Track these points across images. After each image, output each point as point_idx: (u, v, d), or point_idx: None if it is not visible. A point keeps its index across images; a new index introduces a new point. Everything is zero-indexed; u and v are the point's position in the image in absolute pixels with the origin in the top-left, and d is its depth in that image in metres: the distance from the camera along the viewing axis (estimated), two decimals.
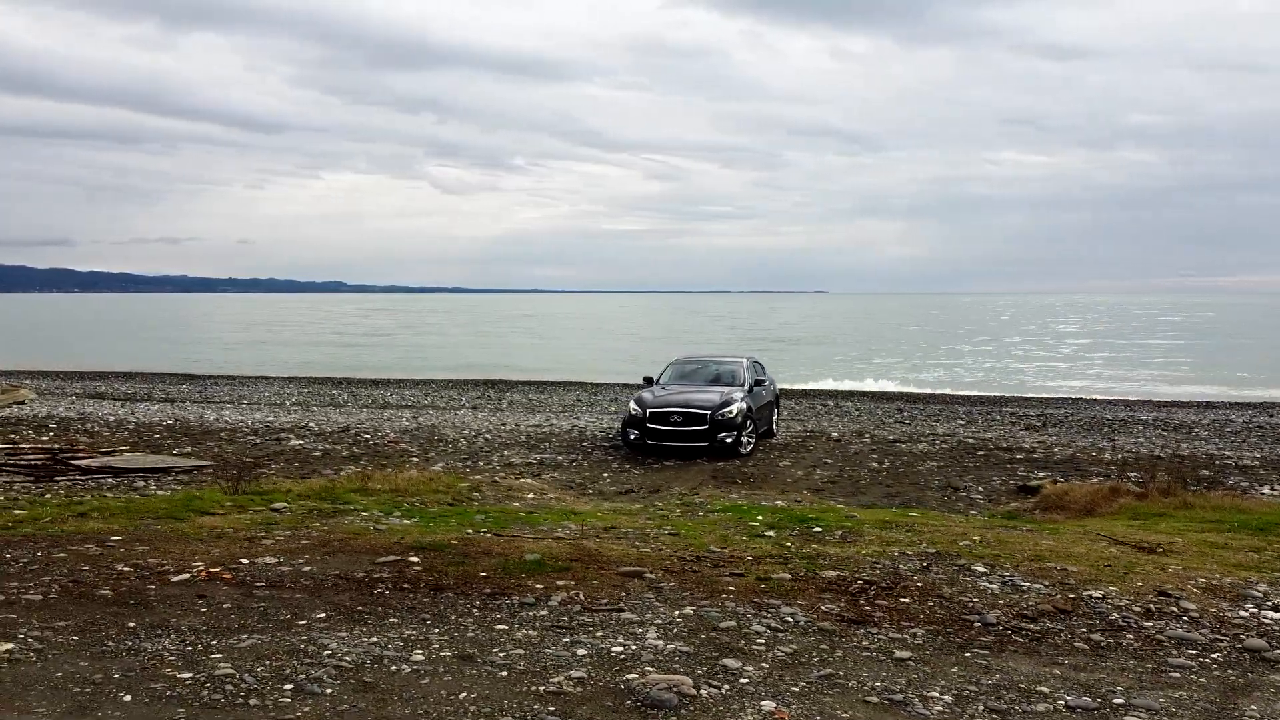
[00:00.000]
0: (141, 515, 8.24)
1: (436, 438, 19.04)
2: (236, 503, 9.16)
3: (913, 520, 8.60)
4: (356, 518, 8.48)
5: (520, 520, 8.81)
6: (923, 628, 5.11)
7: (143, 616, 5.03)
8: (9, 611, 5.08)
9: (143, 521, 7.96)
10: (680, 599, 5.50)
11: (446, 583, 5.75)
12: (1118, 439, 20.58)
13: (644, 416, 16.83)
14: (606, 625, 4.99)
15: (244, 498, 9.57)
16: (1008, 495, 13.93)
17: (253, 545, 6.76)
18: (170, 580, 5.73)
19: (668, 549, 6.82)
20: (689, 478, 15.06)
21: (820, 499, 13.07)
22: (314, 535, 7.21)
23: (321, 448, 17.48)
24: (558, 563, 6.20)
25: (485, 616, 5.15)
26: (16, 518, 8.12)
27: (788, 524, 8.20)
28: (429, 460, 16.32)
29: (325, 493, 10.81)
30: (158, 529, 7.58)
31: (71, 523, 7.80)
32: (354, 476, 12.41)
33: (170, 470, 14.39)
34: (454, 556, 6.37)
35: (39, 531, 7.27)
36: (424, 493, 11.27)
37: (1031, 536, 7.57)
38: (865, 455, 17.36)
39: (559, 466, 15.89)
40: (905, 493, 13.99)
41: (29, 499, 10.37)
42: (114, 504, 8.90)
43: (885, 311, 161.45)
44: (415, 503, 10.55)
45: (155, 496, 10.02)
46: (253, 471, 15.00)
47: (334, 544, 6.81)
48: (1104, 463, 16.76)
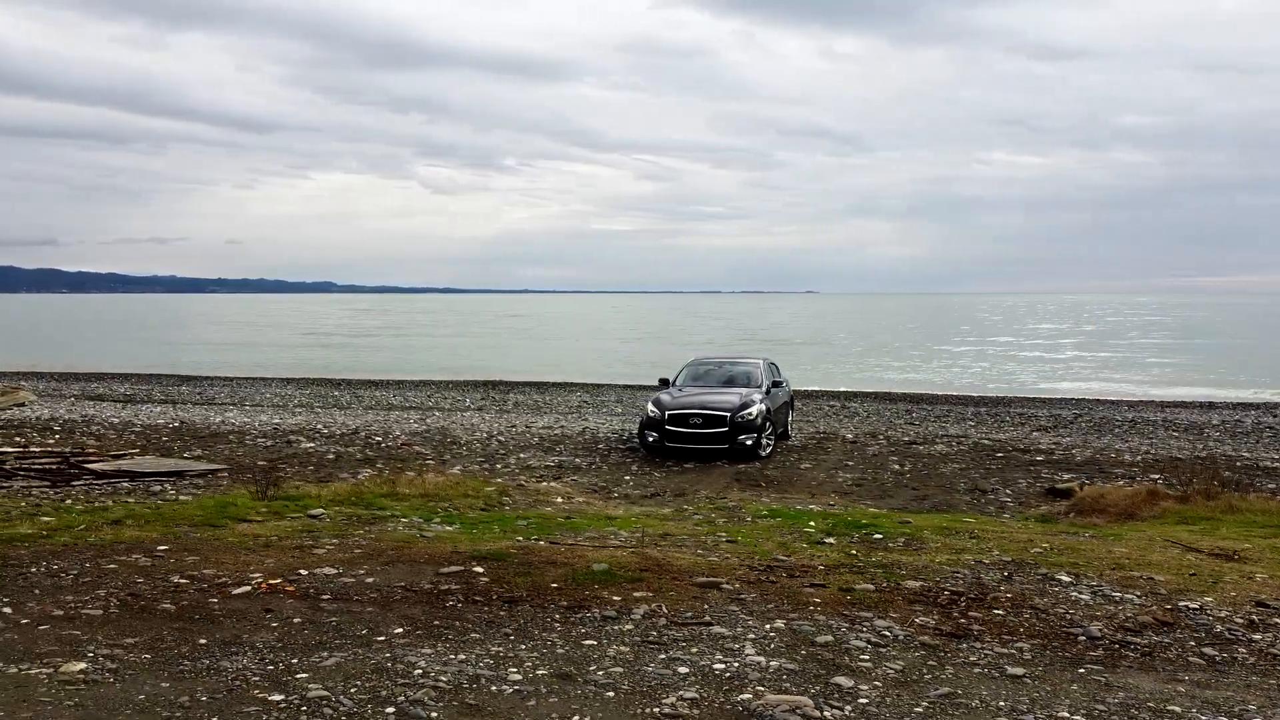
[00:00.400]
0: (177, 523, 8.00)
1: (449, 440, 18.81)
2: (271, 509, 8.93)
3: (969, 526, 8.43)
4: (397, 524, 8.26)
5: (563, 526, 8.59)
6: (1026, 642, 4.94)
7: (212, 632, 4.81)
8: (71, 627, 4.85)
9: (180, 529, 7.72)
10: (766, 612, 5.31)
11: (519, 595, 5.54)
12: (1131, 440, 20.48)
13: (663, 419, 16.63)
14: (698, 640, 4.80)
15: (276, 504, 9.33)
16: (1036, 498, 13.79)
17: (305, 555, 6.54)
18: (231, 593, 5.51)
19: (734, 558, 6.62)
20: (711, 481, 14.88)
21: (850, 503, 12.91)
22: (363, 544, 6.98)
23: (334, 450, 17.23)
24: (627, 573, 6.00)
25: (569, 631, 4.95)
26: (49, 525, 7.87)
27: (844, 530, 8.03)
28: (444, 463, 16.09)
29: (354, 497, 10.58)
30: (198, 537, 7.34)
31: (108, 531, 7.56)
32: (379, 480, 12.18)
33: (185, 474, 14.14)
34: (518, 566, 6.17)
35: (78, 541, 7.03)
36: (453, 497, 11.04)
37: (1102, 544, 7.41)
38: (885, 457, 17.20)
39: (578, 469, 15.69)
40: (933, 496, 13.83)
41: (52, 505, 10.11)
42: (145, 511, 8.65)
43: (878, 312, 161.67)
44: (448, 508, 10.33)
45: (185, 502, 9.77)
46: (270, 475, 14.78)
47: (388, 553, 6.59)
48: (1125, 464, 16.66)
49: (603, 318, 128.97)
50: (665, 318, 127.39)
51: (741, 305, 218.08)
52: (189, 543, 6.88)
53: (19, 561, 6.16)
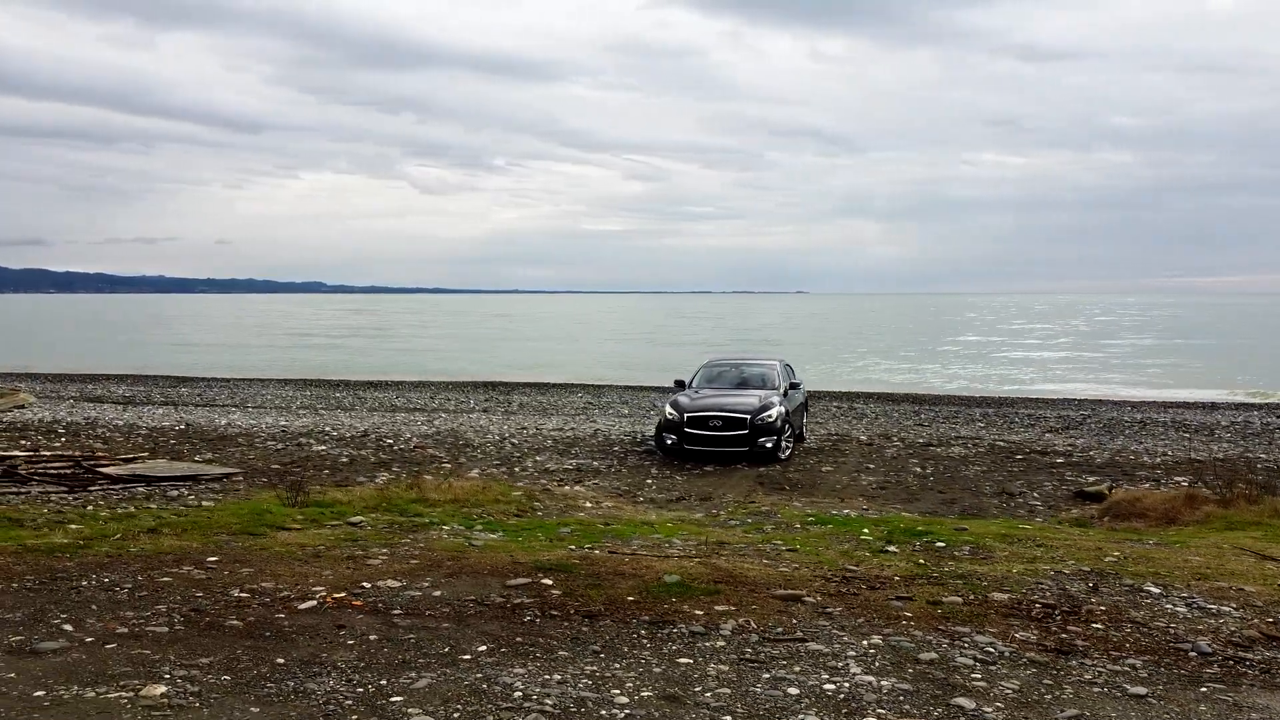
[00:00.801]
0: (215, 531, 7.77)
1: (461, 443, 18.58)
2: (306, 516, 8.70)
3: (1028, 532, 8.27)
4: (440, 532, 8.04)
5: (607, 533, 8.39)
6: (1136, 658, 4.77)
7: (287, 651, 4.59)
8: (140, 646, 4.63)
9: (219, 538, 7.49)
10: (858, 626, 5.13)
11: (596, 609, 5.34)
12: (1145, 442, 20.36)
13: (681, 421, 16.44)
14: (798, 658, 4.61)
15: (309, 510, 9.10)
16: (1064, 501, 13.65)
17: (360, 566, 6.32)
18: (297, 608, 5.29)
19: (804, 568, 6.43)
20: (734, 484, 14.70)
21: (878, 506, 12.75)
22: (416, 553, 6.76)
23: (347, 453, 16.99)
24: (701, 585, 5.80)
25: (660, 648, 4.75)
26: (82, 534, 7.62)
27: (903, 538, 7.84)
28: (461, 466, 15.87)
29: (385, 503, 10.36)
30: (240, 546, 7.11)
31: (145, 540, 7.32)
32: (403, 485, 11.94)
33: (199, 478, 13.89)
34: (586, 578, 5.95)
35: (120, 551, 6.79)
36: (484, 503, 10.83)
37: (1175, 552, 7.25)
38: (904, 460, 17.05)
39: (598, 473, 15.48)
40: (961, 499, 13.68)
41: (76, 512, 9.85)
42: (179, 519, 8.41)
43: (871, 312, 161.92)
44: (483, 514, 10.12)
45: (216, 509, 9.52)
46: (286, 479, 14.52)
47: (447, 564, 6.38)
48: (1146, 467, 16.54)
49: (596, 318, 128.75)
50: (659, 318, 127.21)
51: (733, 305, 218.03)
52: (236, 553, 6.64)
53: (67, 574, 5.92)
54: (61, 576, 5.85)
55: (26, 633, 4.77)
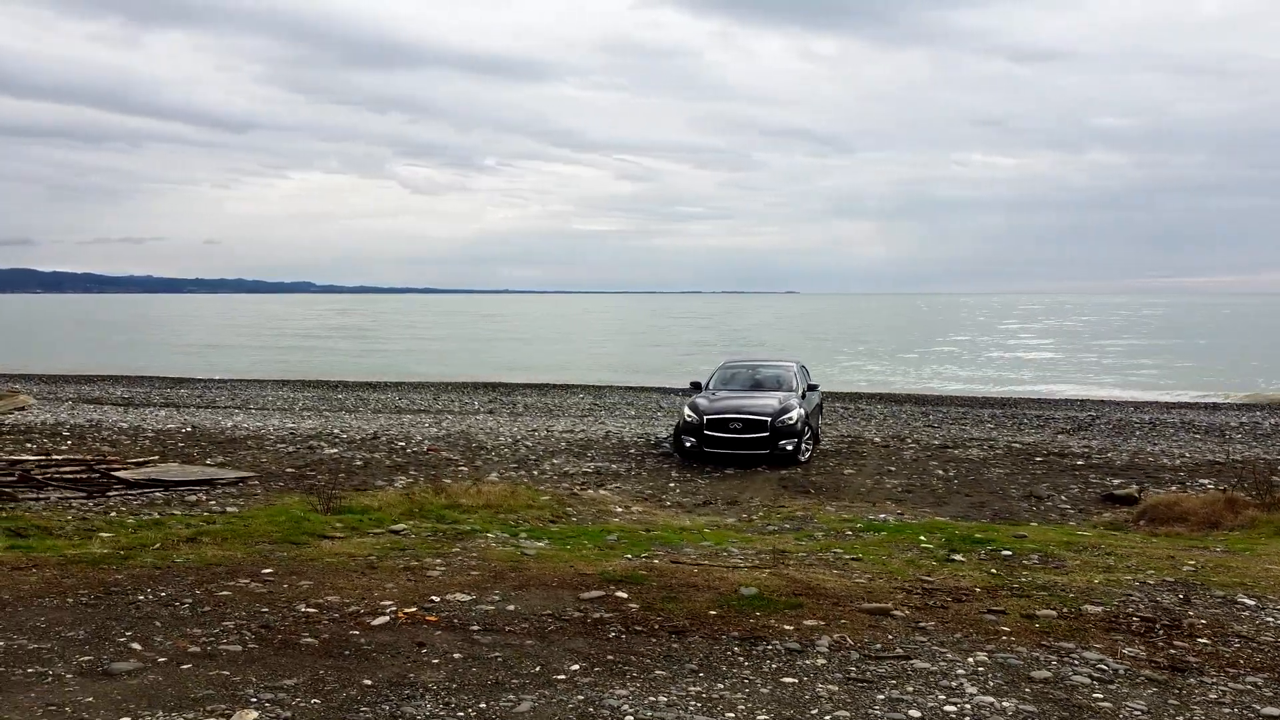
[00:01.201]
0: (255, 540, 7.54)
1: (474, 445, 18.34)
2: (345, 524, 8.47)
3: (1087, 539, 8.11)
4: (486, 540, 7.83)
5: (654, 540, 8.20)
6: (1256, 675, 4.60)
7: (373, 671, 4.37)
8: (217, 666, 4.40)
9: (261, 548, 7.26)
10: (957, 642, 4.94)
11: (680, 624, 5.14)
12: (1159, 443, 20.26)
13: (701, 423, 16.24)
14: (907, 677, 4.42)
15: (346, 517, 8.87)
16: (1093, 504, 13.49)
17: (420, 578, 6.10)
18: (370, 624, 5.07)
19: (878, 579, 6.24)
20: (758, 487, 14.52)
21: (910, 510, 12.58)
22: (472, 564, 6.55)
23: (360, 456, 16.73)
24: (780, 598, 5.61)
25: (759, 667, 4.55)
26: (119, 543, 7.38)
27: (963, 545, 7.67)
28: (477, 470, 15.65)
29: (417, 509, 10.13)
30: (286, 556, 6.88)
31: (187, 550, 7.09)
32: (431, 490, 11.69)
33: (215, 482, 13.63)
34: (659, 590, 5.75)
35: (165, 562, 6.56)
36: (517, 508, 10.61)
37: (1252, 561, 7.10)
38: (923, 462, 16.89)
39: (617, 476, 15.28)
40: (990, 503, 13.52)
41: (101, 519, 9.60)
42: (216, 527, 8.17)
43: (862, 312, 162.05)
44: (517, 520, 9.91)
45: (245, 515, 9.29)
46: (303, 483, 14.27)
47: (509, 575, 6.16)
48: (1169, 469, 16.41)
49: (588, 318, 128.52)
50: (652, 319, 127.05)
51: (724, 305, 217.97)
52: (289, 564, 6.42)
53: (120, 588, 5.69)
54: (116, 590, 5.62)
55: (94, 652, 4.54)
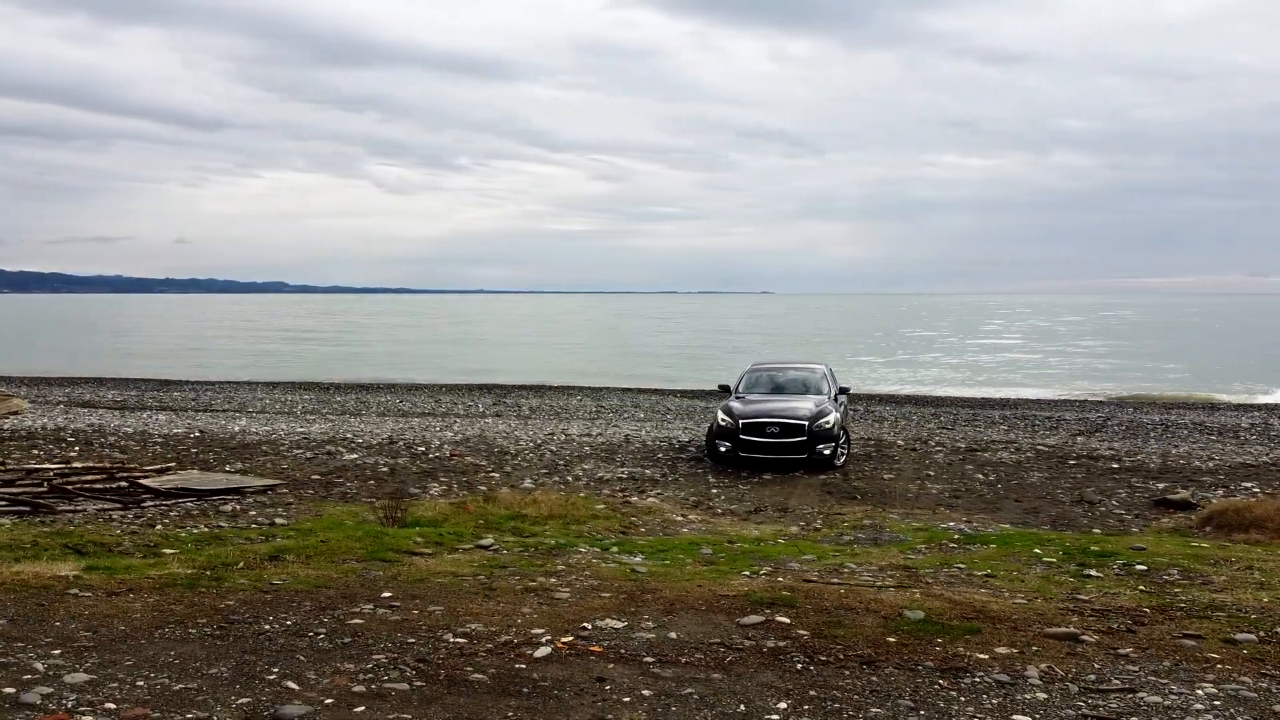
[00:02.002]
0: (340, 557, 7.11)
1: (497, 450, 17.88)
2: (425, 538, 8.04)
3: (1206, 551, 7.84)
4: (582, 555, 7.43)
5: (751, 554, 7.85)
6: None
7: (568, 713, 3.98)
8: (394, 708, 3.98)
9: (351, 566, 6.83)
10: (1170, 671, 4.63)
11: (863, 653, 4.78)
12: (1181, 445, 20.09)
13: (737, 428, 15.90)
14: (1148, 712, 4.10)
15: (426, 530, 8.45)
16: (1148, 510, 13.26)
17: (551, 601, 5.71)
18: (532, 656, 4.67)
19: (1037, 600, 5.89)
20: (803, 493, 14.21)
21: (971, 517, 12.31)
22: (591, 584, 6.16)
23: (384, 462, 16.25)
24: (951, 621, 5.27)
25: (980, 701, 4.21)
26: (198, 563, 6.92)
27: (1089, 559, 7.34)
28: (507, 476, 15.24)
29: (482, 519, 9.73)
30: (384, 576, 6.46)
31: (273, 569, 6.65)
32: (480, 498, 11.27)
33: (243, 490, 13.15)
34: (818, 614, 5.39)
35: (263, 585, 6.12)
36: (581, 518, 10.23)
37: None
38: (958, 466, 16.65)
39: (654, 482, 14.91)
40: (1042, 508, 13.27)
41: (155, 534, 9.12)
42: (293, 543, 7.71)
43: (839, 312, 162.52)
44: (589, 530, 9.53)
45: (308, 526, 8.84)
46: (333, 490, 13.80)
47: (642, 597, 5.77)
48: (1206, 471, 16.22)
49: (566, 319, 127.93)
50: (631, 320, 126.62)
51: (701, 305, 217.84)
52: (405, 587, 5.98)
53: (240, 617, 5.25)
54: (236, 619, 5.18)
55: (250, 693, 4.12)
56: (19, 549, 7.58)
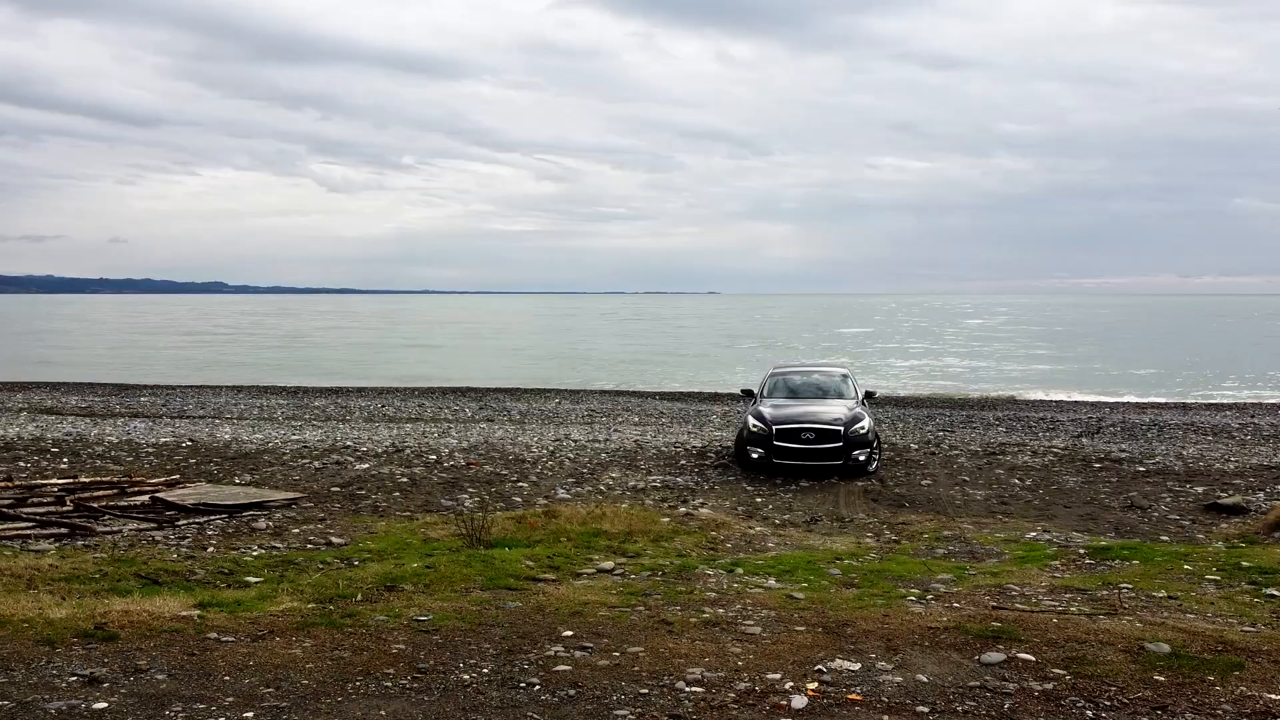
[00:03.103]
0: (460, 586, 6.50)
1: (510, 458, 17.22)
2: (538, 562, 7.45)
3: None
4: (718, 579, 6.90)
5: (874, 572, 7.40)
6: None
7: None
8: None
9: (476, 596, 6.22)
10: None
11: (1142, 694, 4.32)
12: (1188, 446, 20.07)
13: (770, 434, 15.45)
14: None
15: (521, 550, 7.85)
16: (1198, 514, 13.06)
17: (748, 638, 5.14)
18: (790, 707, 4.09)
19: (1264, 629, 5.49)
20: (848, 501, 13.81)
21: (1033, 525, 12.01)
22: (772, 614, 5.61)
23: (401, 473, 15.53)
24: (1203, 655, 4.83)
25: None
26: (313, 594, 6.25)
27: (1247, 575, 7.02)
28: (536, 486, 14.65)
29: (563, 536, 9.15)
30: (526, 608, 5.87)
31: (401, 602, 6.03)
32: (545, 515, 10.65)
33: (266, 505, 12.39)
34: (1058, 650, 4.90)
35: (403, 621, 5.49)
36: (665, 534, 9.69)
37: None
38: (988, 470, 16.40)
39: (691, 490, 14.40)
40: (1096, 514, 13.01)
41: (220, 558, 8.38)
42: (397, 570, 7.07)
43: (789, 312, 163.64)
44: (679, 547, 9.01)
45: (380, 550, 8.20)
46: (360, 503, 13.06)
47: (841, 630, 5.24)
48: (1231, 474, 16.10)
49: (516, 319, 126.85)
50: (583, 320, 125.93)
51: (649, 305, 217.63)
52: (581, 624, 5.35)
53: (425, 664, 4.59)
54: (425, 669, 4.51)
55: None
56: (89, 580, 6.85)
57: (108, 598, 6.09)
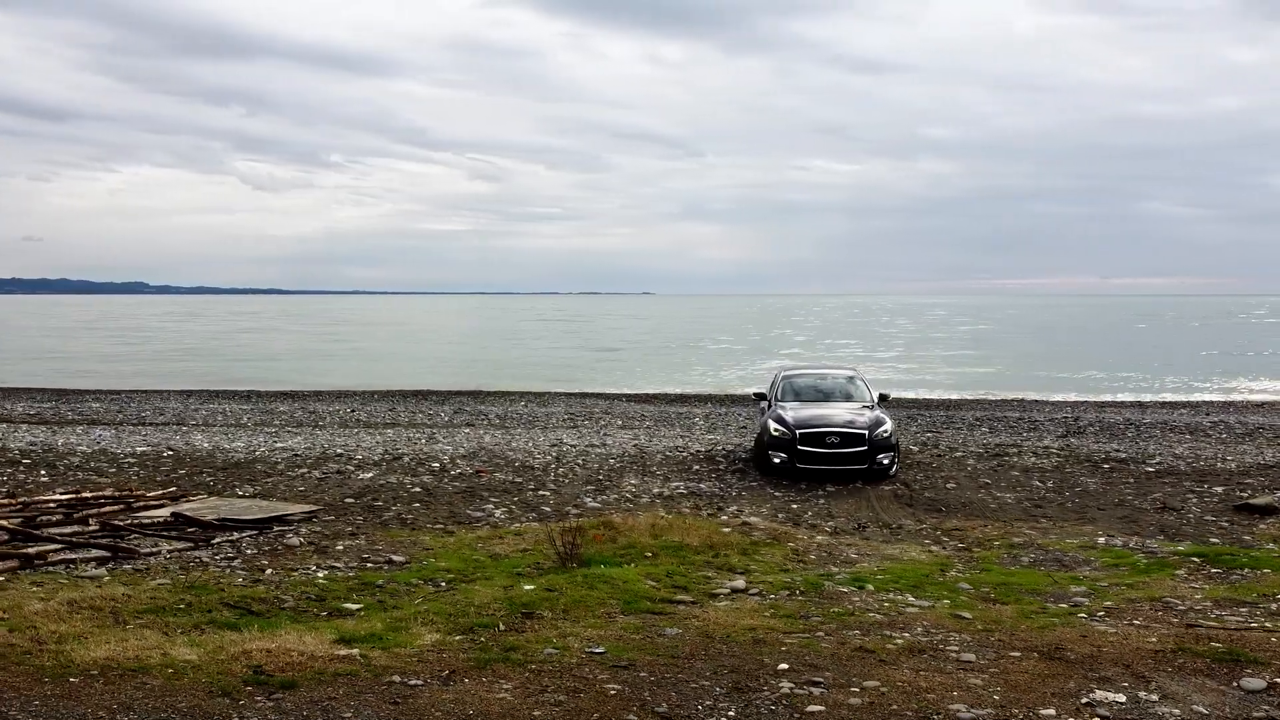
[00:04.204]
0: (599, 611, 6.00)
1: (517, 465, 16.58)
2: (660, 581, 6.96)
3: None
4: (866, 598, 6.50)
5: (1006, 584, 7.10)
6: None
7: None
8: None
9: (627, 622, 5.75)
10: None
11: None
12: (1177, 445, 20.14)
13: (794, 438, 15.12)
14: None
15: (629, 569, 7.36)
16: (1230, 515, 13.06)
17: (975, 667, 4.77)
18: None
19: None
20: (884, 505, 13.57)
21: (1079, 530, 11.88)
22: (968, 638, 5.24)
23: (411, 482, 14.85)
24: None
25: None
26: (439, 625, 5.68)
27: None
28: (556, 493, 14.14)
29: (674, 550, 8.65)
30: (684, 635, 5.42)
31: (547, 630, 5.52)
32: (596, 523, 10.11)
33: (286, 519, 11.66)
34: None
35: (579, 656, 4.99)
36: (746, 547, 9.24)
37: None
38: (1004, 471, 16.29)
39: (720, 497, 14.01)
40: (1135, 517, 12.92)
41: (291, 581, 7.73)
42: (536, 593, 6.51)
43: (726, 312, 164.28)
44: (771, 560, 8.60)
45: (470, 571, 7.63)
46: (382, 514, 12.38)
47: (1062, 655, 4.91)
48: (1241, 472, 16.18)
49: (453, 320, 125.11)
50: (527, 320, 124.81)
51: (586, 306, 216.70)
52: (797, 654, 4.92)
53: (673, 710, 4.11)
54: (680, 714, 4.06)
55: None
56: (177, 611, 6.19)
57: (218, 632, 5.47)
